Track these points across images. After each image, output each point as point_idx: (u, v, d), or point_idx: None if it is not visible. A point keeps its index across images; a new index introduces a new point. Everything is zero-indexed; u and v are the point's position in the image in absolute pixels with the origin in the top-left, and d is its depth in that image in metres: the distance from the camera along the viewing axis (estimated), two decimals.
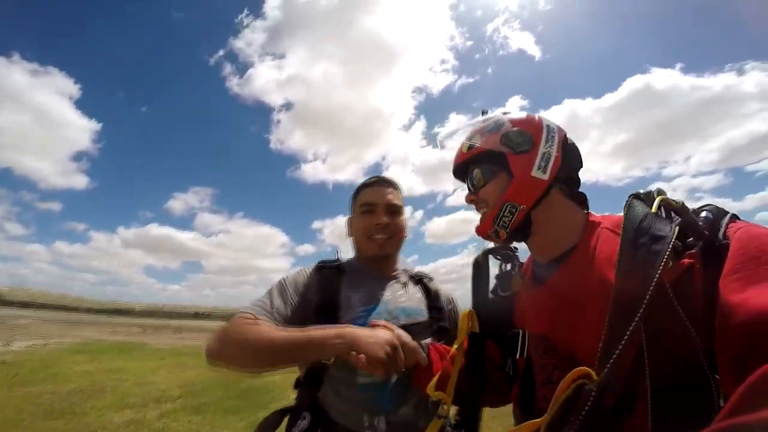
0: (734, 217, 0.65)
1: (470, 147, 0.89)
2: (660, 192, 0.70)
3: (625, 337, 0.54)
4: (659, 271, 0.55)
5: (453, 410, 0.99)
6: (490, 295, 1.02)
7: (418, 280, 1.37)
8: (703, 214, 0.65)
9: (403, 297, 1.25)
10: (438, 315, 1.28)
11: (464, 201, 0.94)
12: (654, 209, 0.65)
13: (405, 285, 1.31)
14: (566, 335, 0.77)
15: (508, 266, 1.00)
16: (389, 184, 1.34)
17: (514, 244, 0.98)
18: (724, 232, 0.61)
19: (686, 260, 0.60)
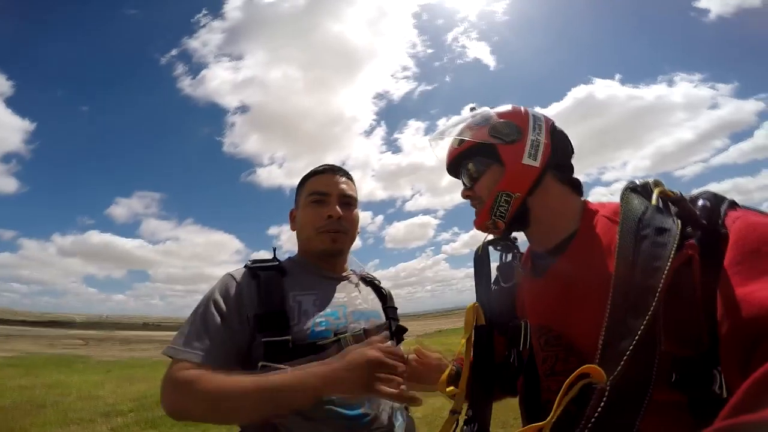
0: (733, 204, 0.62)
1: (461, 142, 0.89)
2: (657, 183, 0.68)
3: (639, 332, 0.52)
4: (668, 264, 0.53)
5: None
6: (493, 287, 1.00)
7: (369, 281, 1.27)
8: (700, 202, 0.63)
9: (358, 299, 1.13)
10: (394, 316, 1.22)
11: (461, 196, 0.93)
12: (654, 201, 0.64)
13: (357, 286, 1.19)
14: (566, 325, 0.77)
15: (509, 257, 0.99)
16: (343, 172, 1.19)
17: (514, 234, 0.97)
18: (723, 220, 0.59)
19: (685, 251, 0.57)
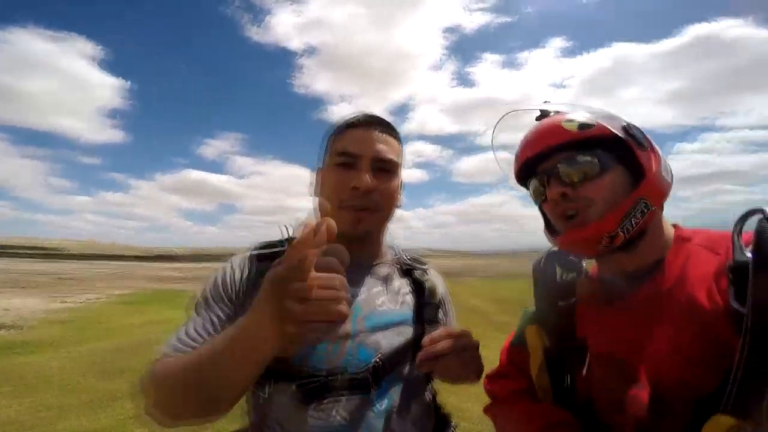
0: None
1: (586, 126, 0.73)
2: None
3: None
4: None
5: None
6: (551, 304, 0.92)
7: (407, 270, 0.97)
8: None
9: (381, 297, 0.87)
10: (432, 316, 0.92)
11: (548, 196, 0.77)
12: None
13: (386, 279, 0.91)
14: (644, 357, 0.70)
15: (570, 275, 0.89)
16: (383, 126, 0.88)
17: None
18: None
19: None
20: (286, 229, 0.90)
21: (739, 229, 0.63)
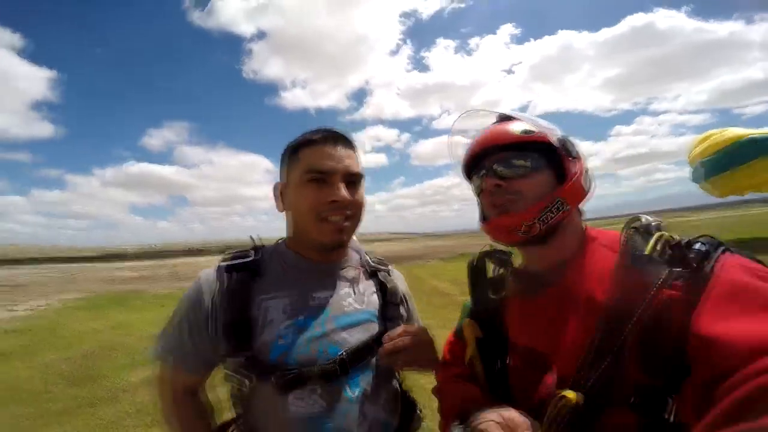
0: (727, 250, 0.66)
1: (528, 132, 0.84)
2: (659, 228, 0.73)
3: (603, 367, 0.63)
4: (640, 311, 0.62)
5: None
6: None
7: (372, 272, 1.10)
8: (697, 245, 0.67)
9: (348, 297, 0.99)
10: (395, 314, 1.06)
11: (485, 185, 0.85)
12: (649, 250, 0.68)
13: (353, 281, 1.03)
14: (551, 347, 0.78)
15: (501, 270, 0.99)
16: (345, 141, 0.99)
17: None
18: (713, 264, 0.63)
19: (670, 291, 0.62)
20: (253, 241, 1.05)
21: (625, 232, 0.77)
